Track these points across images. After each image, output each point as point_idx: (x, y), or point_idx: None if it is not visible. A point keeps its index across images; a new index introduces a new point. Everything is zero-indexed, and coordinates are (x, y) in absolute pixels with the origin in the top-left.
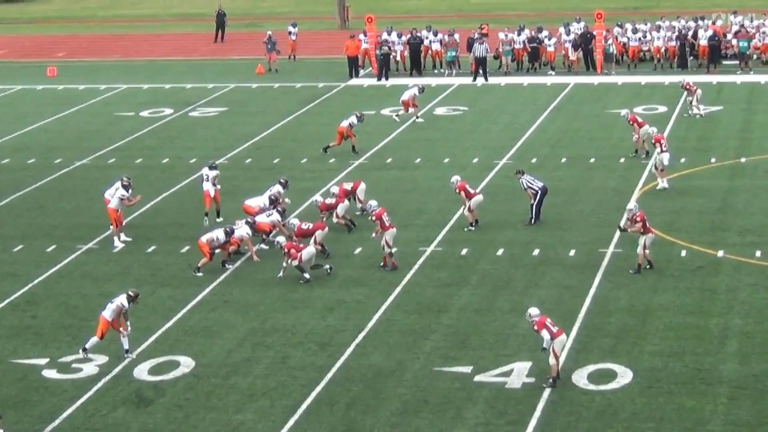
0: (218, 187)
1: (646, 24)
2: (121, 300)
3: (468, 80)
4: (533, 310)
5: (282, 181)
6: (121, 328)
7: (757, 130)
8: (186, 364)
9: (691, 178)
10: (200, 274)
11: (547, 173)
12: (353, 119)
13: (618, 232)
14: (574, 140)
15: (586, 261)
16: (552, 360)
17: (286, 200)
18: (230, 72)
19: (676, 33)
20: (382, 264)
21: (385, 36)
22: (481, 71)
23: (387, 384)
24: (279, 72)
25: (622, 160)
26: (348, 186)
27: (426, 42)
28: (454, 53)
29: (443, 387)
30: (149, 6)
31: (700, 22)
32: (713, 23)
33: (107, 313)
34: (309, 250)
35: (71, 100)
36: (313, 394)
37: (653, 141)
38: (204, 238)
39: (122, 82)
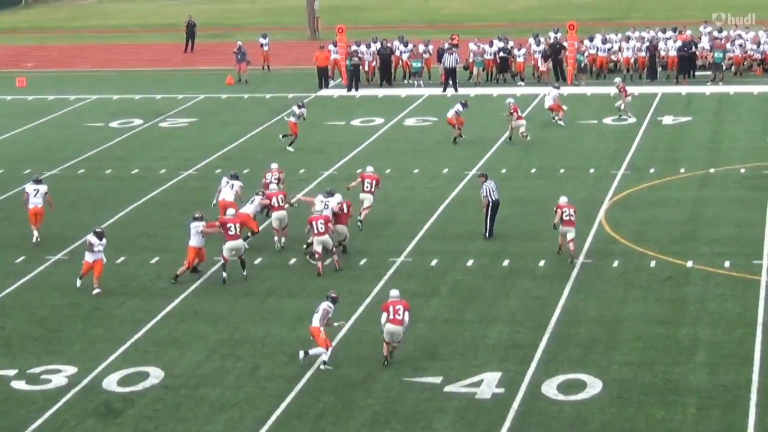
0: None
1: (616, 34)
2: (326, 305)
3: (437, 91)
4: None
5: (232, 174)
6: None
7: (726, 140)
8: (155, 375)
9: (660, 188)
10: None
11: (517, 184)
12: (458, 107)
13: (586, 245)
14: (543, 151)
15: (556, 271)
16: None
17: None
18: (200, 82)
19: (646, 44)
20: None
21: (354, 47)
22: (451, 82)
23: (357, 395)
24: (249, 82)
25: (592, 170)
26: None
27: (397, 53)
28: (419, 64)
29: (413, 398)
30: (119, 17)
31: (668, 33)
32: (680, 33)
33: (316, 321)
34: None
35: (41, 110)
36: (283, 405)
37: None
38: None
39: (92, 93)
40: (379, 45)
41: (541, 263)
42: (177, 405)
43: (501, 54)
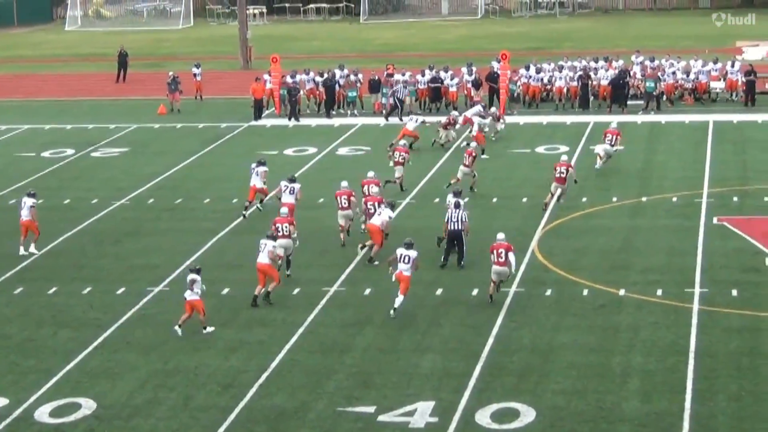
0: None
1: (549, 64)
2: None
3: (372, 120)
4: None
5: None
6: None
7: (657, 169)
8: (87, 406)
9: (592, 217)
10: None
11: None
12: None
13: (520, 270)
14: (477, 179)
15: (489, 300)
16: None
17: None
18: (132, 112)
19: (578, 73)
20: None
21: (288, 78)
22: (397, 112)
23: (290, 425)
24: (181, 112)
25: (525, 199)
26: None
27: (342, 82)
28: (354, 93)
29: (346, 427)
30: (51, 46)
31: (600, 62)
32: (610, 63)
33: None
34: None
35: None
36: None
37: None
38: (264, 259)
39: (23, 123)
40: (325, 75)
41: (475, 292)
42: None
43: (433, 84)
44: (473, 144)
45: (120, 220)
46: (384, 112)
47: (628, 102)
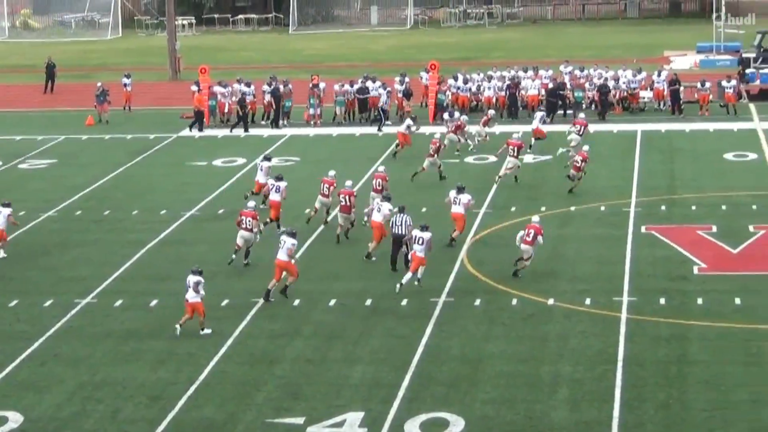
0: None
1: (479, 74)
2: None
3: (301, 131)
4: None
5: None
6: None
7: (586, 178)
8: (14, 419)
9: (522, 226)
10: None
11: None
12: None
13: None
14: (407, 189)
15: (419, 310)
16: None
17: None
18: (60, 123)
19: (507, 83)
20: None
21: (216, 88)
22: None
23: None
24: (110, 123)
25: (424, 209)
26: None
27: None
28: (289, 103)
29: None
30: None
31: (529, 72)
32: (537, 73)
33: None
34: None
35: None
36: None
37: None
38: (283, 256)
39: None
40: (272, 86)
41: (404, 302)
42: None
43: (359, 95)
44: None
45: (48, 232)
46: (312, 122)
47: (559, 112)
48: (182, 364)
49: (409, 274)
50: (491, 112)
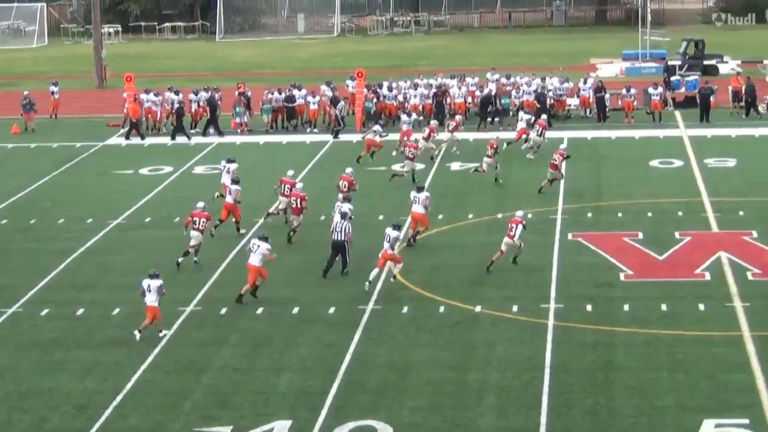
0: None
1: (405, 82)
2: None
3: (227, 139)
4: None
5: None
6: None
7: (513, 186)
8: None
9: (449, 233)
10: None
11: (305, 231)
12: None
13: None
14: (334, 197)
15: (347, 318)
16: None
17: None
18: None
19: (433, 90)
20: None
21: (142, 96)
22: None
23: None
24: (36, 132)
25: (381, 217)
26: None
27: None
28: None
29: None
30: None
31: (455, 80)
32: (462, 80)
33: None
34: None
35: None
36: None
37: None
38: (255, 261)
39: None
40: (208, 94)
41: (332, 310)
42: None
43: (286, 104)
44: (494, 137)
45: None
46: (239, 130)
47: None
48: (108, 373)
49: (376, 270)
50: (458, 117)
